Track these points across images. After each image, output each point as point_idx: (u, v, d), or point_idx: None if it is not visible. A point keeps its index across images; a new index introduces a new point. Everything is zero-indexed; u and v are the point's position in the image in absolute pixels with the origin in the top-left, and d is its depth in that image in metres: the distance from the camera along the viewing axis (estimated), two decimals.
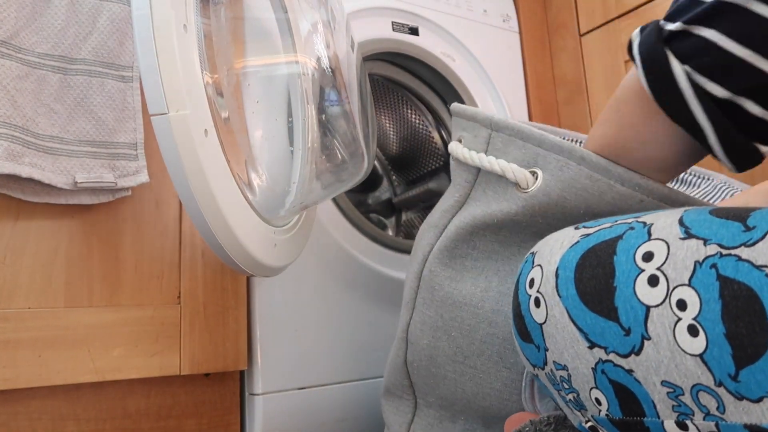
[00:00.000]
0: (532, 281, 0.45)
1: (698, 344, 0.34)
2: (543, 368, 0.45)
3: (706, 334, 0.34)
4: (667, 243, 0.37)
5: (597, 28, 1.20)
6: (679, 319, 0.35)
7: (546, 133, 0.57)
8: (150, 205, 0.79)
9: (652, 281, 0.37)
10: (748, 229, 0.35)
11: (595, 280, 0.40)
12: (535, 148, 0.57)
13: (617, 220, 0.43)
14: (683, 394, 0.35)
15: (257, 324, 0.85)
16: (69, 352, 0.70)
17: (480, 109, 0.63)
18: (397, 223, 1.25)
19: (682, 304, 0.35)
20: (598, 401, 0.41)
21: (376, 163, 1.26)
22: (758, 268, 0.33)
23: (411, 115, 1.20)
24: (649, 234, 0.39)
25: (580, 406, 0.43)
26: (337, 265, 0.93)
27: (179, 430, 0.79)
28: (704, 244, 0.36)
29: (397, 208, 1.26)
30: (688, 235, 0.37)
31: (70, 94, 0.72)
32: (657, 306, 0.36)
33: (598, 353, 0.39)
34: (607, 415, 0.40)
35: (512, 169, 0.57)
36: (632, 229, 0.40)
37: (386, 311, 0.95)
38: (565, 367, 0.42)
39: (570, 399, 0.44)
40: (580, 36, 1.24)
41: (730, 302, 0.33)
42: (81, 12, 0.74)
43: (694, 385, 0.35)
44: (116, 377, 0.72)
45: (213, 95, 0.58)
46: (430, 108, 1.16)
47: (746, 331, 0.32)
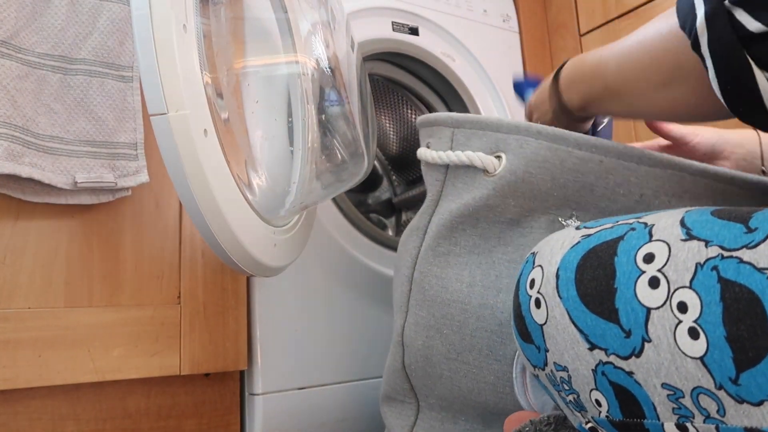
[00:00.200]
0: (533, 282, 0.44)
1: (699, 347, 0.34)
2: (543, 369, 0.45)
3: (706, 337, 0.34)
4: (668, 244, 0.37)
5: (597, 28, 1.20)
6: (680, 322, 0.35)
7: (503, 118, 0.61)
8: (150, 205, 0.79)
9: (653, 283, 0.37)
10: (750, 230, 0.34)
11: (596, 281, 0.39)
12: (495, 133, 0.60)
13: (618, 221, 0.43)
14: (683, 397, 0.35)
15: (257, 324, 0.85)
16: (69, 352, 0.70)
17: (442, 112, 0.67)
18: (397, 223, 1.25)
19: (682, 307, 0.35)
20: (599, 403, 0.41)
21: (376, 163, 1.26)
22: (760, 270, 0.32)
23: (411, 115, 1.20)
24: (651, 235, 0.39)
25: (581, 408, 0.43)
26: (337, 265, 0.93)
27: (179, 430, 0.79)
28: (705, 246, 0.35)
29: (397, 208, 1.26)
30: (690, 237, 0.37)
31: (70, 94, 0.72)
32: (658, 308, 0.36)
33: (599, 355, 0.39)
34: (607, 416, 0.40)
35: (478, 157, 0.61)
36: (633, 230, 0.40)
37: (386, 311, 0.95)
38: (565, 369, 0.42)
39: (570, 400, 0.44)
40: (580, 36, 1.24)
41: (731, 305, 0.33)
42: (81, 12, 0.74)
43: (694, 388, 0.34)
44: (116, 377, 0.72)
45: (213, 95, 0.58)
46: (430, 108, 1.15)
47: (747, 335, 0.32)
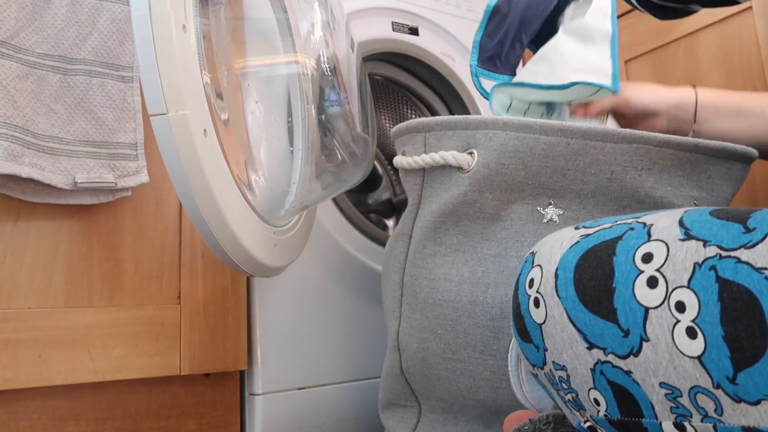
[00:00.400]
0: (532, 281, 0.45)
1: (696, 346, 0.34)
2: (542, 368, 0.45)
3: (704, 337, 0.34)
4: (666, 244, 0.37)
5: None
6: (678, 321, 0.35)
7: (470, 116, 0.62)
8: (150, 205, 0.79)
9: (652, 283, 0.37)
10: (749, 230, 0.34)
11: (595, 281, 0.40)
12: (464, 131, 0.62)
13: (617, 221, 0.43)
14: (681, 396, 0.35)
15: (257, 324, 0.85)
16: (69, 352, 0.70)
17: (413, 120, 0.69)
18: (397, 223, 1.25)
19: (680, 306, 0.35)
20: (597, 402, 0.41)
21: (376, 163, 1.26)
22: (758, 270, 0.32)
23: (411, 115, 1.20)
24: (649, 235, 0.39)
25: (579, 407, 0.43)
26: (337, 265, 0.93)
27: (179, 430, 0.79)
28: (704, 246, 0.35)
29: (397, 208, 1.26)
30: (688, 237, 0.37)
31: (70, 95, 0.72)
32: (656, 308, 0.36)
33: (597, 354, 0.39)
34: (605, 415, 0.40)
35: (451, 155, 0.62)
36: (632, 229, 0.40)
37: None
38: (564, 368, 0.42)
39: (569, 399, 0.44)
40: None
41: (729, 305, 0.33)
42: (81, 12, 0.74)
43: (692, 387, 0.35)
44: (116, 377, 0.72)
45: (212, 95, 0.58)
46: (430, 108, 1.15)
47: (745, 334, 0.32)
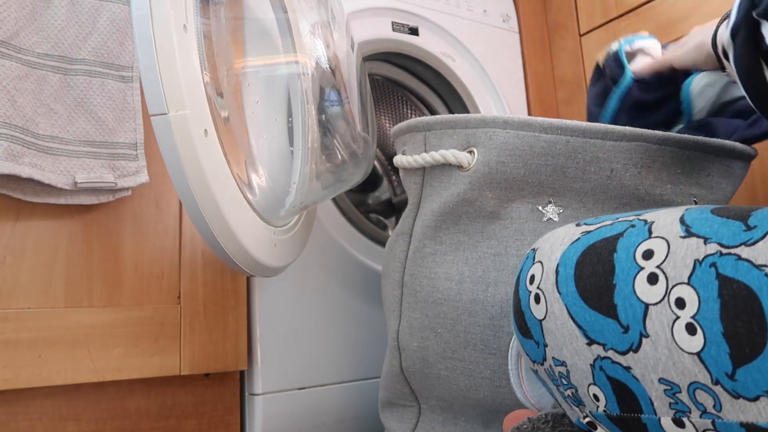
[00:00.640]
0: (533, 277, 0.45)
1: (696, 342, 0.34)
2: (542, 364, 0.45)
3: (704, 333, 0.34)
4: (667, 241, 0.37)
5: (597, 28, 1.20)
6: (678, 318, 0.35)
7: (471, 114, 0.63)
8: (150, 205, 0.79)
9: (652, 279, 0.37)
10: (749, 228, 0.35)
11: (595, 277, 0.40)
12: (464, 130, 0.62)
13: (618, 218, 0.43)
14: (680, 392, 0.35)
15: (257, 324, 0.85)
16: (69, 352, 0.70)
17: (413, 119, 0.69)
18: (397, 223, 1.25)
19: (680, 303, 0.35)
20: (596, 397, 0.41)
21: (376, 163, 1.26)
22: (758, 267, 0.33)
23: (411, 115, 1.20)
24: (650, 232, 0.39)
25: (579, 402, 0.43)
26: (337, 265, 0.93)
27: (179, 430, 0.79)
28: (704, 243, 0.36)
29: (397, 208, 1.26)
30: (689, 234, 0.37)
31: (70, 95, 0.72)
32: (656, 304, 0.36)
33: (597, 350, 0.39)
34: (605, 411, 0.41)
35: (451, 153, 0.63)
36: (633, 226, 0.41)
37: None
38: (563, 363, 0.42)
39: (568, 395, 0.44)
40: (580, 36, 1.24)
41: (729, 301, 0.33)
42: (81, 12, 0.74)
43: (691, 383, 0.35)
44: (116, 377, 0.72)
45: (213, 95, 0.58)
46: (430, 108, 1.15)
47: (744, 331, 0.32)
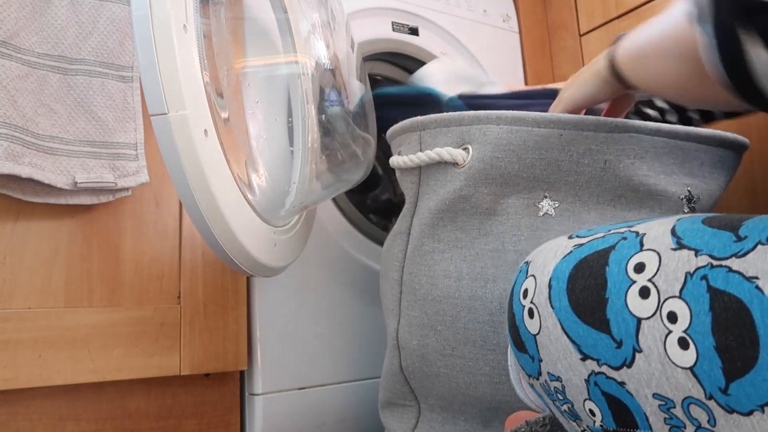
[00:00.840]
0: (526, 292, 0.44)
1: (689, 357, 0.34)
2: (538, 378, 0.45)
3: (696, 347, 0.33)
4: (658, 254, 0.37)
5: (597, 28, 1.20)
6: (670, 332, 0.35)
7: (464, 112, 0.63)
8: (150, 205, 0.79)
9: (644, 293, 0.36)
10: (740, 239, 0.34)
11: (588, 291, 0.39)
12: (458, 127, 0.63)
13: (610, 230, 0.43)
14: (675, 407, 0.35)
15: (257, 324, 0.85)
16: (69, 352, 0.70)
17: (408, 119, 0.69)
18: None
19: (672, 317, 0.35)
20: (592, 412, 0.41)
21: (376, 163, 1.26)
22: (748, 279, 0.32)
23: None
24: (641, 244, 0.39)
25: (575, 417, 0.43)
26: (337, 265, 0.93)
27: (179, 430, 0.79)
28: (695, 255, 0.35)
29: (398, 208, 1.26)
30: (680, 246, 0.36)
31: (70, 95, 0.72)
32: (648, 318, 0.36)
33: (591, 365, 0.39)
34: (601, 425, 0.40)
35: (446, 151, 0.63)
36: (625, 239, 0.40)
37: None
38: (558, 378, 0.42)
39: (565, 410, 0.44)
40: (580, 36, 1.24)
41: (720, 315, 0.33)
42: (81, 12, 0.74)
43: (685, 398, 0.34)
44: (116, 377, 0.72)
45: (213, 95, 0.58)
46: None
47: (736, 344, 0.32)
